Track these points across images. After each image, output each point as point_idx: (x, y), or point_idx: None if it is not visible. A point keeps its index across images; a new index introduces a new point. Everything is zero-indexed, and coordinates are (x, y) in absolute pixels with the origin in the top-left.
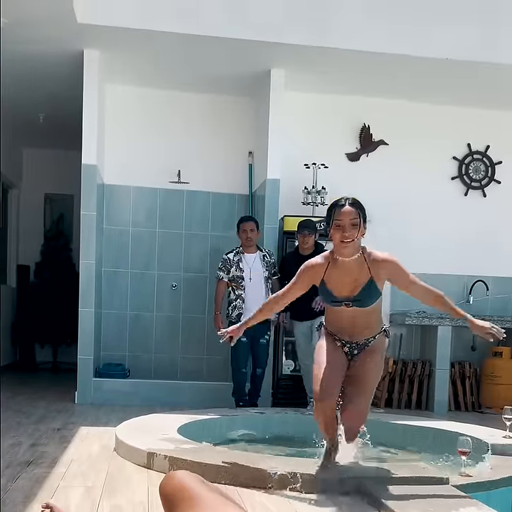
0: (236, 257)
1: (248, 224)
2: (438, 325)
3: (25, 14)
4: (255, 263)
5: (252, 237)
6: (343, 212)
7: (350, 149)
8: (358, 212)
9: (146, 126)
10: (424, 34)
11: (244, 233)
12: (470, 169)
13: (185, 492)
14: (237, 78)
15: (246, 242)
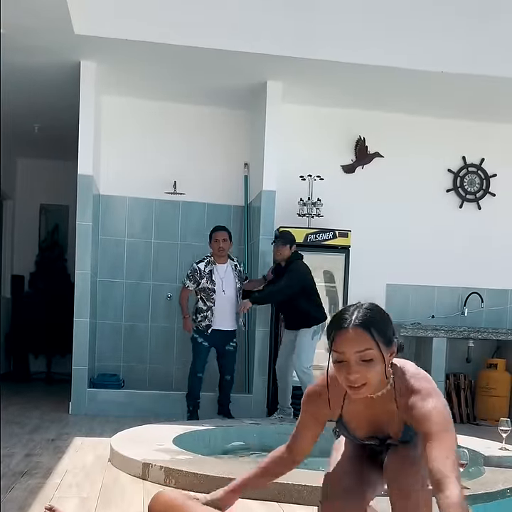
0: (207, 268)
1: (220, 234)
2: (433, 336)
3: (22, 25)
4: (227, 274)
5: (225, 247)
6: (344, 340)
7: (346, 161)
8: (371, 337)
9: (142, 137)
10: (420, 47)
11: (217, 243)
12: (465, 182)
13: (176, 509)
14: (234, 90)
15: (218, 252)
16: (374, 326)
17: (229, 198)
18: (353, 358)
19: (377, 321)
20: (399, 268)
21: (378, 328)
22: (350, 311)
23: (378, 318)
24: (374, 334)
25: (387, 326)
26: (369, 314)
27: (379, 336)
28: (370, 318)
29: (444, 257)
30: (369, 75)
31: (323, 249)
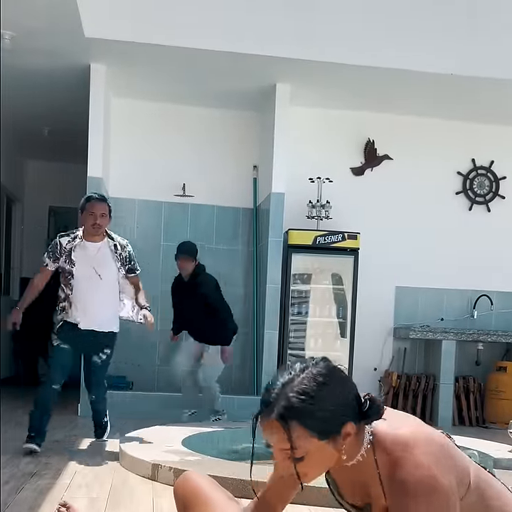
0: (69, 245)
1: (99, 205)
2: (442, 339)
3: (33, 28)
4: (101, 255)
5: (102, 223)
6: (264, 432)
7: (355, 164)
8: (288, 435)
9: (151, 139)
10: (429, 50)
11: (92, 217)
12: (474, 184)
13: (200, 496)
14: (243, 93)
15: (92, 228)
16: (300, 419)
17: (238, 201)
18: (278, 454)
19: (309, 411)
20: (408, 270)
21: (308, 421)
22: (278, 387)
23: (312, 404)
24: (299, 431)
25: (327, 411)
26: (298, 401)
27: (309, 430)
28: (296, 409)
29: (454, 260)
30: (378, 77)
31: (332, 251)
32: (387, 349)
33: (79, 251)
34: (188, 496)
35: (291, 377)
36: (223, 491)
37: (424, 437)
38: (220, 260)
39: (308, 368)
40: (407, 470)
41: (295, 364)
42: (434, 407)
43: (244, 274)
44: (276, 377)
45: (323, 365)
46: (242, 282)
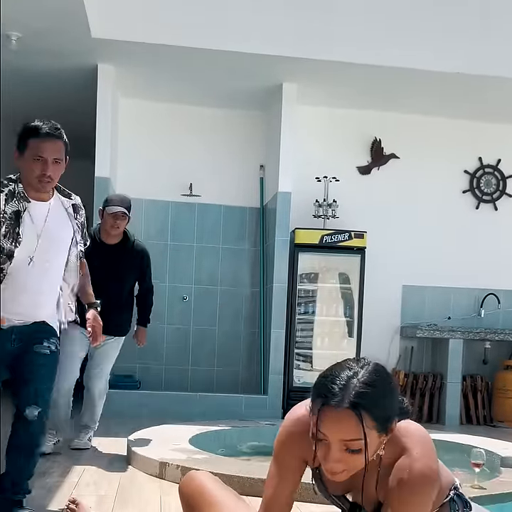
0: (11, 207)
1: (51, 144)
2: (449, 338)
3: (40, 29)
4: (50, 225)
5: (55, 175)
6: (329, 423)
7: (362, 163)
8: (363, 425)
9: (158, 139)
10: (435, 48)
11: (39, 164)
12: (481, 183)
13: (205, 496)
14: (250, 92)
15: (38, 182)
16: (370, 409)
17: (245, 200)
18: (336, 445)
19: (376, 402)
20: (415, 269)
21: (375, 411)
22: (343, 379)
23: (378, 396)
24: (368, 421)
25: (387, 404)
26: (367, 391)
27: (374, 421)
28: (366, 399)
29: (461, 258)
30: (384, 76)
31: (339, 250)
32: (394, 348)
33: (26, 218)
34: (193, 495)
35: (355, 371)
36: (229, 489)
37: (426, 434)
38: (226, 259)
39: (366, 365)
40: (416, 465)
41: (349, 361)
42: (441, 405)
43: (250, 274)
44: (330, 371)
45: (375, 363)
46: (248, 281)
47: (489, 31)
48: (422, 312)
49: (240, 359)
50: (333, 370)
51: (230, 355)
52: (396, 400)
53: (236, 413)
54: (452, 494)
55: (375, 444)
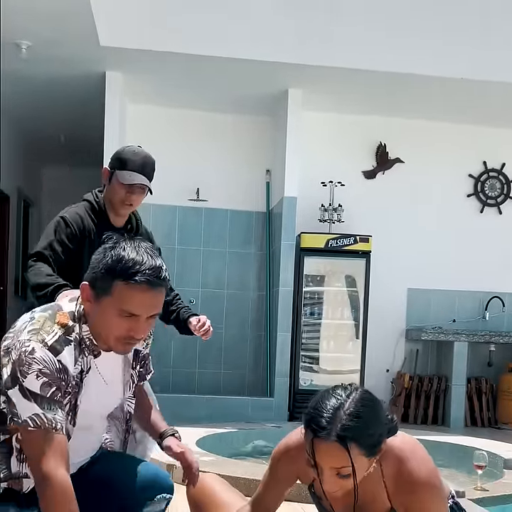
0: (77, 365)
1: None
2: (454, 340)
3: (49, 37)
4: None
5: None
6: (319, 452)
7: (367, 167)
8: (352, 454)
9: (166, 144)
10: (439, 54)
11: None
12: (486, 187)
13: (211, 497)
14: (256, 98)
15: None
16: (357, 440)
17: (251, 205)
18: (327, 471)
19: (362, 432)
20: (420, 272)
21: (362, 441)
22: (330, 412)
23: (364, 427)
24: (355, 450)
25: (374, 432)
26: (353, 424)
27: (362, 449)
28: (353, 431)
29: (465, 262)
30: (388, 82)
31: (344, 254)
32: (400, 350)
33: (91, 377)
34: (200, 496)
35: (342, 402)
36: (234, 491)
37: (417, 442)
38: (233, 263)
39: (352, 393)
40: (417, 465)
41: (337, 389)
42: (446, 408)
43: (257, 277)
44: (319, 402)
45: (362, 389)
46: (255, 285)
47: (492, 37)
48: (427, 315)
49: (247, 362)
50: (321, 401)
51: (237, 358)
52: (383, 424)
53: (242, 415)
54: (451, 502)
55: (364, 466)
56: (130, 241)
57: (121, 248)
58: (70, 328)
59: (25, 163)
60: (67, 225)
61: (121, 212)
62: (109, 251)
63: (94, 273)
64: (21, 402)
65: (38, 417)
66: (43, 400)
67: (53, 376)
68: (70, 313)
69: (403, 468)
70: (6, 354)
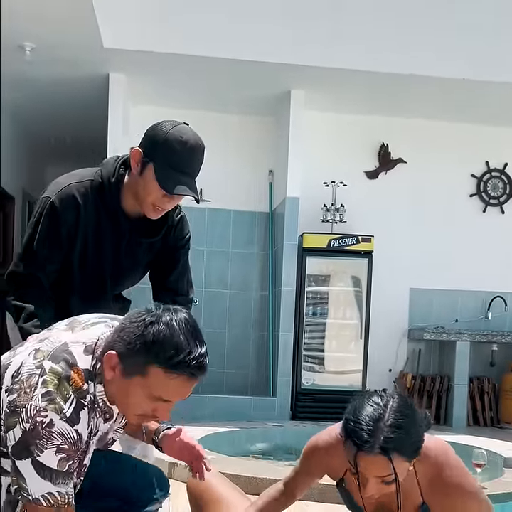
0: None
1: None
2: (456, 340)
3: (52, 39)
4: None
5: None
6: (364, 463)
7: (369, 167)
8: (392, 465)
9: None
10: (440, 55)
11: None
12: (488, 186)
13: (212, 493)
14: (258, 99)
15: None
16: (399, 449)
17: (254, 205)
18: (372, 480)
19: (403, 442)
20: (422, 272)
21: (404, 449)
22: (370, 424)
23: (405, 437)
24: (398, 458)
25: (415, 439)
26: (395, 436)
27: (404, 456)
28: (395, 442)
29: (468, 262)
30: (390, 82)
31: (346, 254)
32: (402, 350)
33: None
34: (201, 493)
35: (380, 413)
36: (234, 487)
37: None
38: (236, 263)
39: (389, 402)
40: (455, 472)
41: (372, 397)
42: (448, 407)
43: (259, 277)
44: (356, 412)
45: (397, 396)
46: (257, 285)
47: (494, 37)
48: (430, 315)
49: (249, 362)
50: (359, 411)
51: (240, 358)
52: (421, 428)
53: (245, 415)
54: None
55: (406, 469)
56: (173, 314)
57: (164, 324)
58: (85, 390)
59: (29, 164)
60: (55, 213)
61: (149, 215)
62: (150, 327)
63: (128, 348)
64: (34, 479)
65: (52, 496)
66: (59, 476)
67: (71, 449)
68: (86, 371)
69: (438, 470)
70: (14, 413)
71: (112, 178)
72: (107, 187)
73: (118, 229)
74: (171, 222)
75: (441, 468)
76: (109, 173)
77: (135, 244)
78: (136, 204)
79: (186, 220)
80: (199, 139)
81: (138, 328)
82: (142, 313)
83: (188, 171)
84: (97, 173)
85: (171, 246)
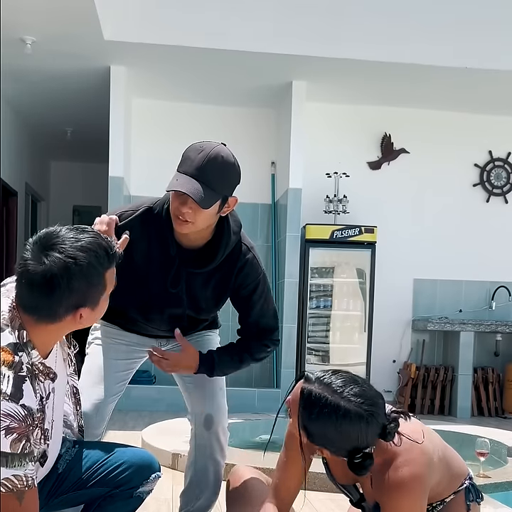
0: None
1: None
2: (460, 330)
3: (53, 32)
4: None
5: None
6: None
7: (372, 158)
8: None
9: (171, 138)
10: (443, 44)
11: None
12: (491, 176)
13: (246, 489)
14: (260, 90)
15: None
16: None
17: (256, 197)
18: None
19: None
20: (426, 263)
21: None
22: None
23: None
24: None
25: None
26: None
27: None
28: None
29: (471, 251)
30: (392, 72)
31: (349, 245)
32: (406, 341)
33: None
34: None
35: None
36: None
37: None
38: None
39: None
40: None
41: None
42: (452, 398)
43: None
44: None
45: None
46: None
47: (497, 25)
48: (434, 305)
49: None
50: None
51: None
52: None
53: (249, 406)
54: (467, 484)
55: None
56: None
57: (61, 254)
58: (19, 362)
59: (32, 159)
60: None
61: (176, 228)
62: (54, 266)
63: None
64: None
65: (9, 481)
66: (14, 458)
67: (21, 427)
68: (11, 345)
69: (385, 467)
70: None
71: (165, 205)
72: (160, 213)
73: (167, 254)
74: (223, 255)
75: (387, 464)
76: (166, 198)
77: (187, 274)
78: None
79: (255, 262)
80: (227, 154)
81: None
82: (26, 264)
83: (195, 175)
84: (158, 200)
85: (235, 290)
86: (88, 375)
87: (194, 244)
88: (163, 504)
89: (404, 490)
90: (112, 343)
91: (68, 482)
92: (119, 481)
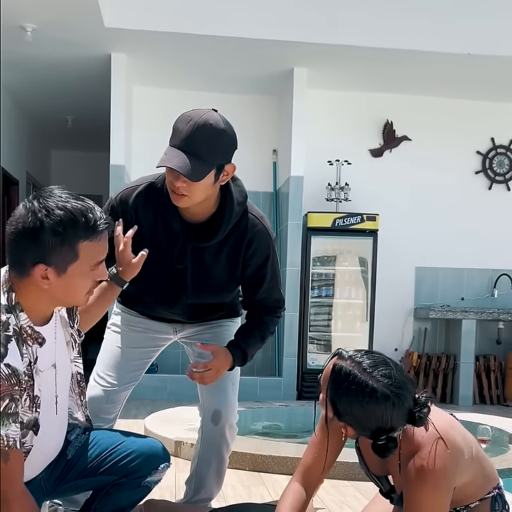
0: (24, 358)
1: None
2: (462, 318)
3: (53, 20)
4: (58, 345)
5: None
6: None
7: (374, 145)
8: None
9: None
10: (445, 29)
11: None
12: (494, 163)
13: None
14: (261, 78)
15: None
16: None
17: (258, 185)
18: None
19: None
20: (428, 251)
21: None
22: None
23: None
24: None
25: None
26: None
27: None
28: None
29: (474, 239)
30: (394, 59)
31: (351, 233)
32: (408, 329)
33: (39, 364)
34: None
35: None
36: None
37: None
38: None
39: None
40: (422, 459)
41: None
42: (454, 386)
43: None
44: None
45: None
46: None
47: (498, 11)
48: (435, 293)
49: None
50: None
51: None
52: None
53: (251, 395)
54: (495, 493)
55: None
56: (49, 198)
57: (59, 209)
58: (6, 322)
59: (33, 148)
60: (114, 212)
61: (174, 202)
62: (46, 220)
63: (48, 249)
64: None
65: None
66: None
67: (4, 386)
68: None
69: (410, 456)
70: None
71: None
72: (161, 188)
73: (171, 230)
74: (227, 227)
75: (414, 455)
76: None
77: (193, 249)
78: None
79: (266, 232)
80: (216, 120)
81: (40, 225)
82: (24, 221)
83: (182, 146)
84: (159, 175)
85: (246, 261)
86: (102, 362)
87: (198, 218)
88: (166, 491)
89: (425, 482)
90: (128, 330)
91: (77, 469)
92: (127, 469)
